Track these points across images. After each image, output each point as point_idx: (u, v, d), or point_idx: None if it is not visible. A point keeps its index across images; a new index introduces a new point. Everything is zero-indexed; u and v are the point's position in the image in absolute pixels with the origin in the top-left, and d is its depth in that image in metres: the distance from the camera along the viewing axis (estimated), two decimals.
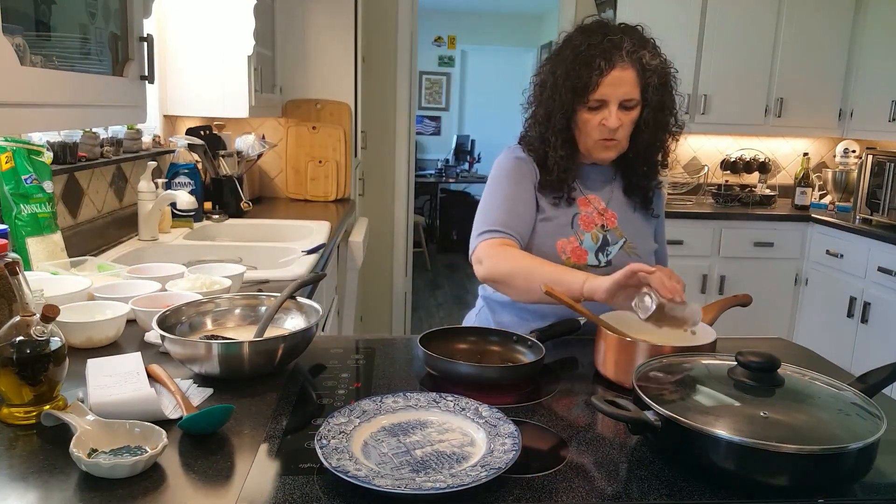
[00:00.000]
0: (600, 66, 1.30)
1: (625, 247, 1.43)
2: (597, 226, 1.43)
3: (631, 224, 1.46)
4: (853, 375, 1.01)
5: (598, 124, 1.34)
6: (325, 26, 3.24)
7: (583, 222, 1.43)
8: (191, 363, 1.05)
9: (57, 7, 1.19)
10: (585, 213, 1.43)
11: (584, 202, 1.44)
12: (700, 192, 4.02)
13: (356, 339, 1.41)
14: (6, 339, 0.88)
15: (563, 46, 1.38)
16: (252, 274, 1.70)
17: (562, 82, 1.33)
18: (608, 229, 1.43)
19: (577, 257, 1.40)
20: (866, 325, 3.17)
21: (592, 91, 1.31)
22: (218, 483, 0.77)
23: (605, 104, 1.33)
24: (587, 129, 1.36)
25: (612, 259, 1.41)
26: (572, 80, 1.32)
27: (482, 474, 0.76)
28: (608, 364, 1.12)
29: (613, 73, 1.31)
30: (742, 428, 0.79)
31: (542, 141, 1.41)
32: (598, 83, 1.31)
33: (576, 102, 1.34)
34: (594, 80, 1.31)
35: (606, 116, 1.33)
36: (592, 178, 1.47)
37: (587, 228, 1.42)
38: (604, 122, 1.33)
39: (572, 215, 1.43)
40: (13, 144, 1.51)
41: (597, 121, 1.34)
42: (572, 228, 1.42)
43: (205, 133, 2.74)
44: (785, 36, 3.66)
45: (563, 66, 1.34)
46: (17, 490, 0.75)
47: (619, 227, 1.45)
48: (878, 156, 3.26)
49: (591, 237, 1.42)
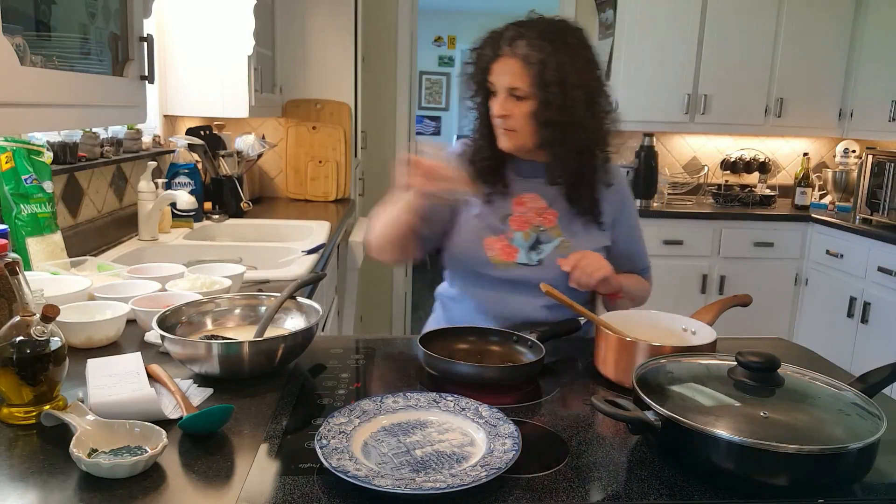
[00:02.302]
0: (491, 52, 1.34)
1: (560, 246, 1.40)
2: (531, 225, 1.40)
3: (572, 223, 1.42)
4: (853, 375, 1.01)
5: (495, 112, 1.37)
6: (325, 26, 3.24)
7: (515, 222, 1.41)
8: (191, 363, 1.05)
9: (57, 7, 1.19)
10: (519, 213, 1.41)
11: (520, 202, 1.42)
12: (700, 193, 4.02)
13: (356, 338, 1.41)
14: (6, 339, 0.88)
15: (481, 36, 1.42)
16: (252, 274, 1.70)
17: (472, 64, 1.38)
18: (544, 229, 1.40)
19: (506, 255, 1.39)
20: (866, 325, 3.17)
21: (487, 77, 1.35)
22: (218, 483, 0.77)
23: (497, 92, 1.35)
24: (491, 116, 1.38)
25: (544, 258, 1.39)
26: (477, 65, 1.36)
27: (482, 474, 0.76)
28: (608, 364, 1.12)
29: (499, 61, 1.33)
30: (742, 428, 0.79)
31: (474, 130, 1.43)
32: (490, 69, 1.34)
33: (482, 87, 1.37)
34: (487, 67, 1.34)
35: (493, 104, 1.35)
36: (533, 175, 1.43)
37: (519, 227, 1.40)
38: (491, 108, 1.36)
39: (504, 215, 1.41)
40: (13, 144, 1.51)
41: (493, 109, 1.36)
42: (502, 227, 1.40)
43: (205, 133, 2.74)
44: (785, 36, 3.66)
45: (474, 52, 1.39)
46: (17, 490, 0.75)
47: (559, 226, 1.41)
48: (878, 156, 3.26)
49: (522, 236, 1.40)
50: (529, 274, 1.38)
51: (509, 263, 1.39)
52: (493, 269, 1.39)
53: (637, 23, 3.61)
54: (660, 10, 3.59)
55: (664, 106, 3.69)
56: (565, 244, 1.40)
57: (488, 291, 1.42)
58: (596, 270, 1.29)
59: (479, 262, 1.40)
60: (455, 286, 1.50)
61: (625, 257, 1.49)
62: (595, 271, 1.29)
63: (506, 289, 1.40)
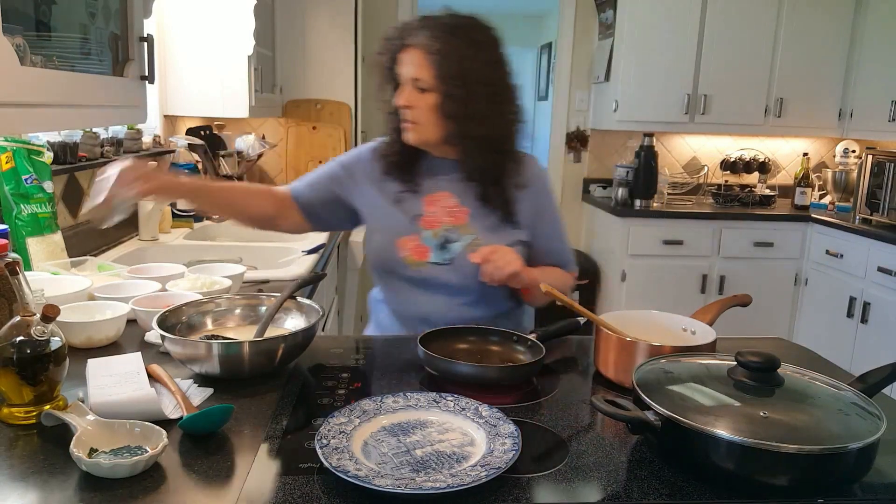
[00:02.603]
0: (398, 43, 1.34)
1: (471, 244, 1.38)
2: (441, 224, 1.39)
3: (484, 220, 1.40)
4: (853, 375, 1.01)
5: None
6: (325, 26, 3.24)
7: (425, 222, 1.40)
8: (191, 363, 1.05)
9: (57, 7, 1.19)
10: (430, 213, 1.40)
11: (431, 201, 1.41)
12: (700, 193, 4.02)
13: (356, 338, 1.41)
14: (6, 339, 0.88)
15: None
16: (252, 274, 1.70)
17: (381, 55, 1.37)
18: (454, 227, 1.39)
19: (418, 254, 1.39)
20: (866, 325, 3.17)
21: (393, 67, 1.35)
22: (218, 483, 0.77)
23: (403, 83, 1.34)
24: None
25: (455, 257, 1.38)
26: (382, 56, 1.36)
27: (482, 474, 0.76)
28: (608, 364, 1.12)
29: (406, 51, 1.33)
30: (742, 428, 0.79)
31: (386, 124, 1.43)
32: (397, 60, 1.34)
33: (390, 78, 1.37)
34: (394, 57, 1.35)
35: (397, 95, 1.35)
36: (444, 173, 1.42)
37: (429, 226, 1.39)
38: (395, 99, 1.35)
39: (414, 215, 1.40)
40: (13, 144, 1.51)
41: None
42: (413, 226, 1.40)
43: (205, 133, 2.74)
44: (785, 36, 3.66)
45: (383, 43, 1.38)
46: (18, 490, 0.75)
47: (470, 224, 1.40)
48: (877, 156, 3.26)
49: (431, 234, 1.39)
50: (442, 273, 1.38)
51: (421, 263, 1.38)
52: (407, 269, 1.39)
53: (637, 23, 3.61)
54: (660, 10, 3.59)
55: (664, 106, 3.69)
56: (476, 242, 1.38)
57: (407, 292, 1.42)
58: (506, 265, 1.28)
59: (394, 263, 1.40)
60: (379, 289, 1.51)
61: (547, 253, 1.47)
62: (505, 266, 1.28)
63: (422, 288, 1.40)
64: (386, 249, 1.40)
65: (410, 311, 1.43)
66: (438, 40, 1.30)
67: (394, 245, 1.39)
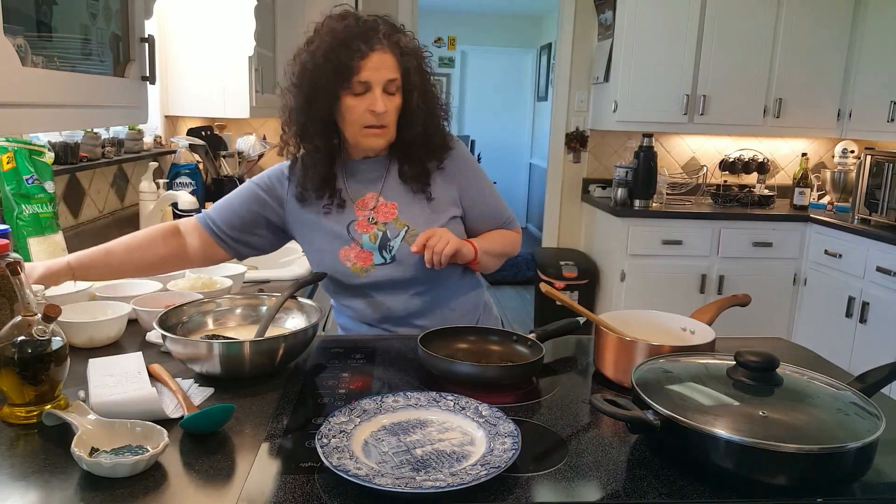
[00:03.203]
0: (360, 48, 1.28)
1: (407, 236, 1.38)
2: (376, 224, 1.39)
3: (412, 209, 1.41)
4: (852, 375, 1.02)
5: (365, 110, 1.31)
6: None
7: (359, 226, 1.40)
8: (192, 363, 1.05)
9: (58, 8, 1.19)
10: (362, 217, 1.40)
11: (360, 205, 1.41)
12: (699, 193, 4.02)
13: (356, 338, 1.41)
14: (8, 339, 0.88)
15: (317, 33, 1.34)
16: (253, 274, 1.70)
17: (322, 64, 1.29)
18: (387, 223, 1.39)
19: (363, 260, 1.38)
20: (865, 324, 3.17)
21: (356, 74, 1.28)
22: (219, 482, 0.78)
23: (370, 88, 1.30)
24: (353, 117, 1.32)
25: (395, 253, 1.38)
26: (333, 63, 1.28)
27: (482, 473, 0.76)
28: (608, 363, 1.12)
29: (374, 55, 1.28)
30: (741, 427, 0.79)
31: (302, 135, 1.38)
32: (359, 66, 1.28)
33: (339, 87, 1.30)
34: (356, 64, 1.28)
35: (373, 101, 1.30)
36: (366, 174, 1.42)
37: (364, 230, 1.39)
38: (371, 106, 1.30)
39: (348, 222, 1.40)
40: (15, 145, 1.51)
41: (363, 107, 1.30)
42: (349, 235, 1.39)
43: (206, 133, 2.75)
44: (784, 36, 3.67)
45: (322, 50, 1.30)
46: (19, 489, 0.75)
47: (400, 217, 1.40)
48: (876, 156, 3.26)
49: (369, 238, 1.39)
50: (389, 271, 1.38)
51: (367, 268, 1.39)
52: (356, 277, 1.39)
53: (636, 23, 3.61)
54: (659, 10, 3.60)
55: (663, 106, 3.69)
56: (411, 232, 1.38)
57: (361, 299, 1.42)
58: (445, 246, 1.28)
59: (343, 275, 1.40)
60: (335, 301, 1.51)
61: (484, 218, 1.48)
62: (444, 247, 1.28)
63: (374, 292, 1.41)
64: (332, 264, 1.40)
65: (370, 315, 1.43)
66: (400, 41, 1.30)
67: (337, 258, 1.39)
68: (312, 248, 1.43)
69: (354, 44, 1.27)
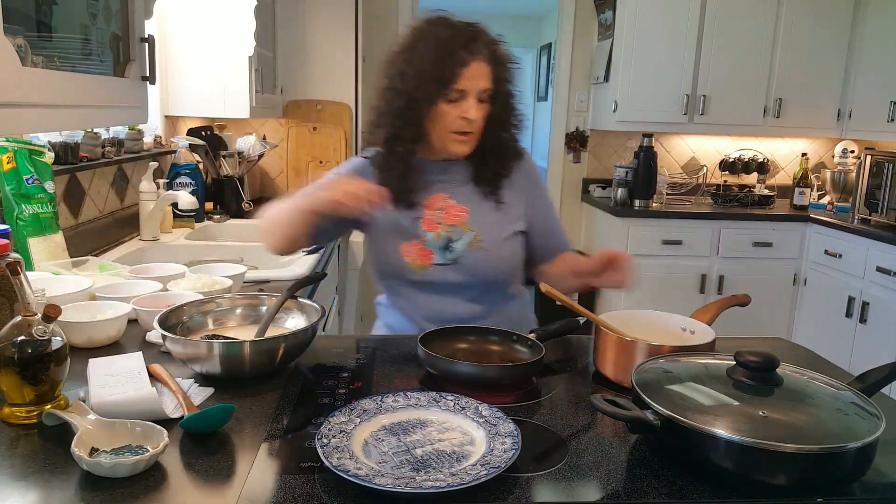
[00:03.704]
0: (462, 56, 1.29)
1: (472, 241, 1.40)
2: (441, 225, 1.40)
3: (482, 216, 1.42)
4: (852, 375, 1.01)
5: (457, 117, 1.32)
6: (326, 27, 3.24)
7: (426, 224, 1.40)
8: (192, 363, 1.05)
9: (58, 8, 1.19)
10: (429, 215, 1.41)
11: (429, 204, 1.42)
12: (699, 193, 4.02)
13: (357, 338, 1.41)
14: (8, 339, 0.88)
15: (418, 37, 1.34)
16: (253, 274, 1.70)
17: (424, 72, 1.30)
18: (454, 226, 1.40)
19: (423, 258, 1.39)
20: (865, 324, 3.17)
21: (455, 82, 1.29)
22: (219, 482, 0.78)
23: (465, 96, 1.31)
24: (444, 122, 1.33)
25: (458, 256, 1.39)
26: (436, 71, 1.29)
27: (482, 473, 0.76)
28: (607, 363, 1.12)
29: (473, 63, 1.30)
30: (741, 427, 0.79)
31: (393, 137, 1.37)
32: (459, 74, 1.29)
33: (438, 94, 1.31)
34: (456, 71, 1.29)
35: (466, 109, 1.31)
36: (441, 175, 1.43)
37: (430, 228, 1.40)
38: (464, 114, 1.31)
39: (414, 218, 1.41)
40: (15, 145, 1.51)
41: (456, 113, 1.32)
42: (414, 231, 1.40)
43: (206, 133, 2.75)
44: (784, 36, 3.67)
45: (425, 55, 1.30)
46: (19, 489, 0.75)
47: (469, 221, 1.41)
48: (876, 156, 3.26)
49: (433, 236, 1.39)
50: (446, 273, 1.39)
51: (426, 266, 1.39)
52: (412, 273, 1.40)
53: (636, 23, 3.61)
54: (659, 10, 3.60)
55: (663, 106, 3.69)
56: (477, 238, 1.40)
57: (414, 295, 1.43)
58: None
59: (400, 269, 1.40)
60: (385, 294, 1.51)
61: (546, 234, 1.50)
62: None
63: (428, 290, 1.41)
64: (391, 257, 1.40)
65: (418, 312, 1.44)
66: (497, 50, 1.32)
67: (398, 251, 1.40)
68: (376, 239, 1.44)
69: (457, 52, 1.29)
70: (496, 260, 1.42)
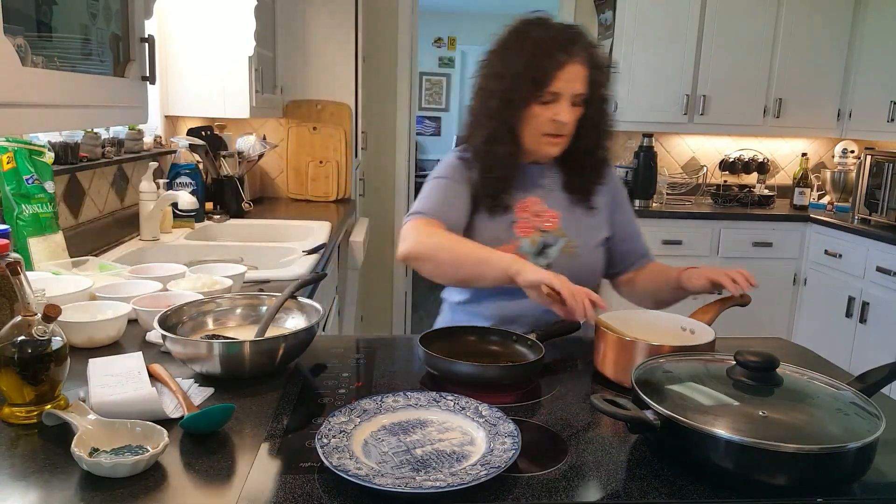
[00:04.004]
0: (559, 58, 1.28)
1: (565, 247, 1.40)
2: (535, 230, 1.40)
3: (574, 221, 1.43)
4: (852, 375, 1.02)
5: (549, 119, 1.32)
6: (326, 27, 3.24)
7: (519, 228, 1.40)
8: (192, 363, 1.05)
9: (58, 8, 1.19)
10: (523, 219, 1.41)
11: (522, 207, 1.42)
12: (699, 193, 4.02)
13: (357, 338, 1.41)
14: (8, 339, 0.88)
15: (515, 38, 1.34)
16: (253, 274, 1.70)
17: (520, 74, 1.29)
18: (547, 231, 1.41)
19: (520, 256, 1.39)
20: (865, 324, 3.17)
21: (549, 84, 1.29)
22: (219, 482, 0.78)
23: (558, 98, 1.31)
24: (536, 124, 1.33)
25: (552, 262, 1.39)
26: (531, 73, 1.29)
27: (482, 473, 0.76)
28: (607, 363, 1.12)
29: (570, 66, 1.29)
30: (741, 427, 0.79)
31: (490, 137, 1.36)
32: (555, 76, 1.28)
33: (532, 96, 1.31)
34: (552, 73, 1.28)
35: (559, 111, 1.30)
36: (531, 179, 1.44)
37: (524, 234, 1.40)
38: (556, 116, 1.31)
39: (509, 223, 1.40)
40: (14, 145, 1.51)
41: (548, 115, 1.32)
42: (509, 235, 1.39)
43: (206, 133, 2.75)
44: (784, 36, 3.67)
45: (521, 56, 1.30)
46: (19, 489, 0.75)
47: (561, 227, 1.42)
48: (876, 156, 3.26)
49: (529, 242, 1.39)
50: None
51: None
52: None
53: (636, 23, 3.61)
54: (659, 10, 3.60)
55: (663, 106, 3.69)
56: (570, 244, 1.41)
57: (499, 297, 1.41)
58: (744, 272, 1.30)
59: None
60: (464, 293, 1.48)
61: (628, 240, 1.51)
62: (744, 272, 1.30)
63: (517, 295, 1.40)
64: None
65: (498, 314, 1.41)
66: (595, 54, 1.31)
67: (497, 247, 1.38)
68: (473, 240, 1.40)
69: (554, 54, 1.28)
70: (588, 266, 1.42)
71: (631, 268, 1.53)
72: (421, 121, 7.77)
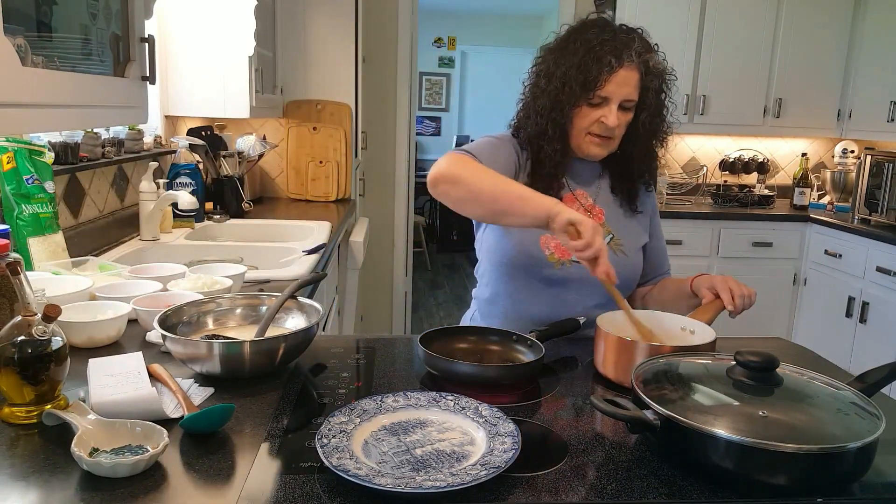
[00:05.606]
0: (610, 62, 1.29)
1: (611, 243, 1.41)
2: None
3: (619, 220, 1.45)
4: (852, 375, 1.02)
5: (595, 121, 1.33)
6: (326, 27, 3.24)
7: None
8: (192, 363, 1.05)
9: (58, 8, 1.19)
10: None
11: (571, 198, 1.42)
12: (699, 193, 4.02)
13: (357, 338, 1.41)
14: (8, 339, 0.88)
15: (571, 39, 1.36)
16: (253, 274, 1.70)
17: (573, 74, 1.31)
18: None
19: (562, 253, 1.38)
20: (865, 324, 3.17)
21: (599, 87, 1.30)
22: (219, 482, 0.78)
23: (607, 102, 1.32)
24: (582, 124, 1.34)
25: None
26: (583, 74, 1.30)
27: (482, 473, 0.76)
28: (608, 363, 1.12)
29: (621, 71, 1.30)
30: (741, 427, 0.79)
31: (540, 134, 1.37)
32: (605, 80, 1.29)
33: (581, 97, 1.32)
34: (602, 77, 1.29)
35: (606, 114, 1.32)
36: (581, 173, 1.45)
37: None
38: (602, 119, 1.32)
39: None
40: (15, 145, 1.51)
41: (595, 117, 1.33)
42: None
43: (206, 133, 2.75)
44: (784, 36, 3.67)
45: (573, 58, 1.32)
46: (19, 489, 0.75)
47: (607, 224, 1.43)
48: (876, 156, 3.26)
49: None
50: (581, 272, 1.36)
51: (565, 262, 1.38)
52: (548, 267, 1.38)
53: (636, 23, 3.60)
54: (659, 10, 3.60)
55: None
56: (615, 241, 1.42)
57: (538, 290, 1.40)
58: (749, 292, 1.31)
59: (536, 261, 1.38)
60: (498, 287, 1.46)
61: (656, 252, 1.54)
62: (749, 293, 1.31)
63: (558, 288, 1.39)
64: (530, 248, 1.38)
65: (534, 310, 1.40)
66: (649, 60, 1.32)
67: (537, 243, 1.38)
68: (510, 230, 1.40)
69: (606, 58, 1.29)
70: (630, 267, 1.43)
71: (650, 282, 1.54)
72: (421, 121, 7.77)
